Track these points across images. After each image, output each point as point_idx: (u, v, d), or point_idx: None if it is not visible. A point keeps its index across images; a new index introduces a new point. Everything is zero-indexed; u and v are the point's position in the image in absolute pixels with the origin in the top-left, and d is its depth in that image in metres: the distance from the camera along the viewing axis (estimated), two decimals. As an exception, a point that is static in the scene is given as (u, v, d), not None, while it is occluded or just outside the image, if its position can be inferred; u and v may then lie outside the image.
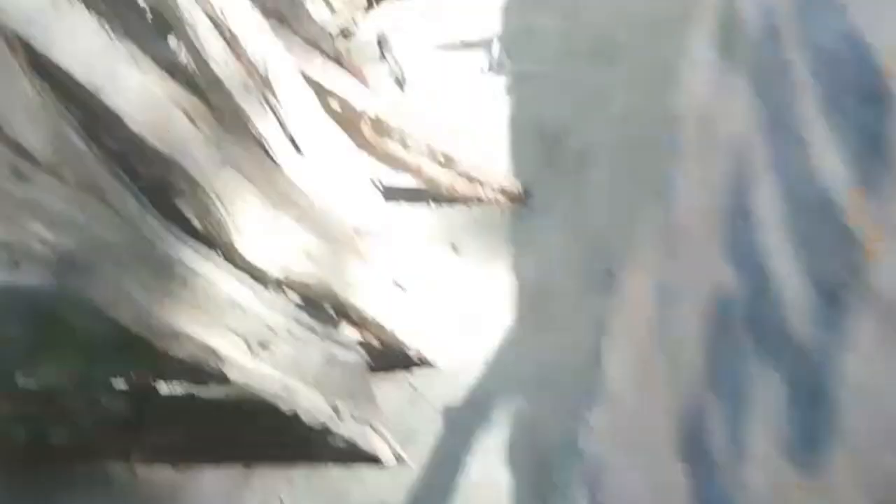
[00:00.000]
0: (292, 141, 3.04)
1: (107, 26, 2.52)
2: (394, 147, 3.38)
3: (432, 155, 3.41)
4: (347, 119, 3.30)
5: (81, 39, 2.45)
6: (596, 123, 3.72)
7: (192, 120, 2.65)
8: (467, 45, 4.10)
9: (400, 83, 3.95)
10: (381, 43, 4.10)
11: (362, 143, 3.34)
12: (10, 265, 2.45)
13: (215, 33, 2.92)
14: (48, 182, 2.34)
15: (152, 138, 2.55)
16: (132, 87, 2.53)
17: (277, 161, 2.94)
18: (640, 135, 3.57)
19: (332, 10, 4.04)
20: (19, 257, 2.41)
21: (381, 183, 3.35)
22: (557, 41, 4.05)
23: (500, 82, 3.92)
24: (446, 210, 3.50)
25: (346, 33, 4.07)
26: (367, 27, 4.18)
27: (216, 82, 2.91)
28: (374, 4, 4.23)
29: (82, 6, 2.47)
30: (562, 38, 4.05)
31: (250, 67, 2.98)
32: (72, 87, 2.44)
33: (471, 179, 3.47)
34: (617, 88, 3.82)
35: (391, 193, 3.41)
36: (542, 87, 3.88)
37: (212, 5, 2.89)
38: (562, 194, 3.52)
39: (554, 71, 3.94)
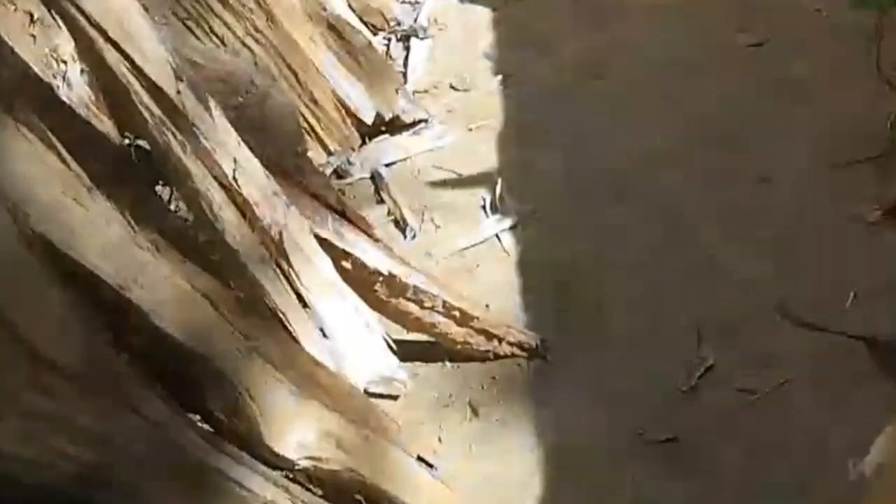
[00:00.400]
0: (309, 310, 2.91)
1: (128, 215, 2.37)
2: (408, 305, 3.24)
3: (448, 312, 3.27)
4: (360, 279, 3.18)
5: (104, 234, 2.30)
6: (610, 266, 3.62)
7: (216, 307, 2.53)
8: (466, 184, 3.97)
9: (401, 227, 3.80)
10: (377, 182, 3.96)
11: (376, 303, 3.21)
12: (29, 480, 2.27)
13: (228, 202, 2.78)
14: (75, 396, 2.18)
15: (179, 334, 2.42)
16: (158, 280, 2.41)
17: (298, 339, 2.80)
18: (657, 281, 3.49)
19: (329, 151, 3.89)
20: (39, 474, 2.24)
21: (394, 344, 3.22)
22: (561, 177, 3.95)
23: (505, 223, 3.78)
24: (463, 369, 3.36)
25: (341, 173, 3.93)
26: (361, 165, 4.02)
27: (232, 256, 2.78)
28: (367, 140, 4.08)
29: (103, 198, 2.32)
30: (565, 175, 3.95)
31: (264, 236, 2.85)
32: (97, 287, 2.28)
33: (487, 335, 3.33)
34: (629, 228, 3.72)
35: (406, 354, 3.27)
36: (550, 228, 3.77)
37: (224, 172, 2.75)
38: (582, 348, 3.40)
39: (560, 210, 3.82)
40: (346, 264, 3.15)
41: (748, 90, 4.09)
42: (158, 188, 3.12)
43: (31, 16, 2.71)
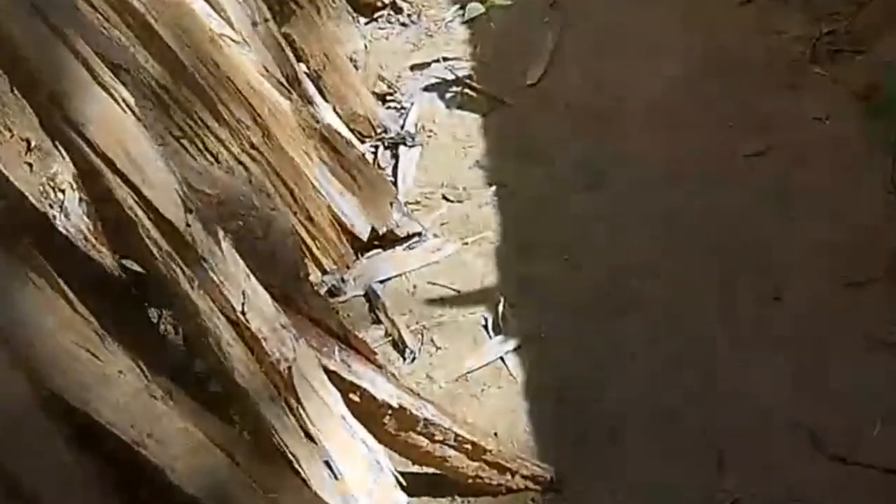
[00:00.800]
0: (319, 449, 2.78)
1: (142, 364, 2.24)
2: (418, 439, 3.12)
3: (459, 445, 3.15)
4: (368, 412, 3.05)
5: (119, 387, 2.18)
6: (621, 387, 3.52)
7: (231, 457, 2.38)
8: (465, 301, 3.86)
9: (400, 348, 3.69)
10: (372, 300, 3.84)
11: (384, 436, 3.09)
12: None
13: (237, 338, 2.65)
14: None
15: (195, 489, 2.27)
16: (172, 433, 2.28)
17: (310, 483, 2.67)
18: (671, 403, 3.38)
19: (325, 270, 3.78)
20: None
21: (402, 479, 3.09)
22: (561, 292, 3.85)
23: (509, 344, 3.67)
24: (473, 504, 3.23)
25: (334, 291, 3.82)
26: (355, 282, 3.91)
27: (241, 394, 2.64)
28: (360, 256, 3.98)
29: (115, 345, 2.19)
30: (566, 289, 3.86)
31: (272, 372, 2.72)
32: (109, 442, 2.15)
33: (500, 469, 3.22)
34: (636, 343, 3.64)
35: (413, 488, 3.13)
36: (556, 348, 3.67)
37: (233, 306, 2.63)
38: (597, 478, 3.30)
39: (564, 328, 3.73)
40: (355, 397, 3.02)
41: (751, 202, 4.02)
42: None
43: (29, 143, 2.60)
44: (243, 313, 2.65)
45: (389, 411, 3.09)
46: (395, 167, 4.46)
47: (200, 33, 3.48)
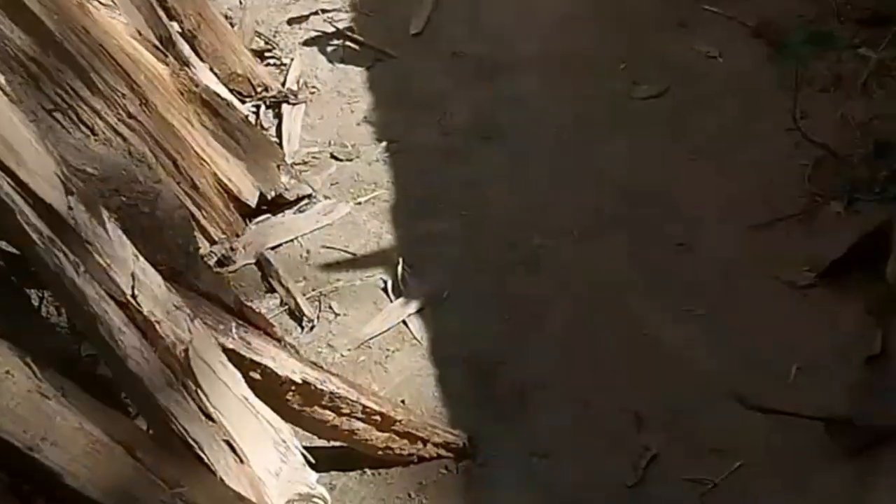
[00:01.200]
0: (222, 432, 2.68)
1: (30, 360, 2.11)
2: (325, 414, 3.02)
3: (368, 417, 3.06)
4: (271, 389, 2.95)
5: (9, 389, 2.04)
6: (530, 346, 3.45)
7: (133, 454, 2.27)
8: (362, 264, 3.76)
9: (297, 317, 3.58)
10: (265, 268, 3.73)
11: (289, 413, 2.98)
12: None
13: (128, 322, 2.53)
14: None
15: (97, 492, 2.15)
16: (68, 433, 2.14)
17: (216, 470, 2.57)
18: (583, 360, 3.33)
19: (213, 240, 3.65)
20: None
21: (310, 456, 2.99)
22: (464, 251, 3.77)
23: (411, 307, 3.58)
24: (385, 476, 3.15)
25: (224, 261, 3.69)
26: (245, 250, 3.78)
27: (135, 383, 2.53)
28: (248, 222, 3.85)
29: (4, 345, 2.06)
30: (468, 248, 3.78)
31: (168, 356, 2.61)
32: (2, 451, 2.03)
33: (411, 438, 3.14)
34: (543, 300, 3.56)
35: (321, 462, 3.04)
36: (461, 308, 3.59)
37: (122, 290, 2.51)
38: (511, 443, 3.23)
39: (469, 287, 3.64)
40: (256, 375, 2.91)
41: (651, 147, 3.98)
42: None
43: None
44: (134, 296, 2.53)
45: (293, 387, 2.99)
46: (279, 127, 4.33)
47: (66, -2, 3.31)
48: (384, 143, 4.21)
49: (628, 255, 3.61)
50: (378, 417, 3.11)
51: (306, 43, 4.75)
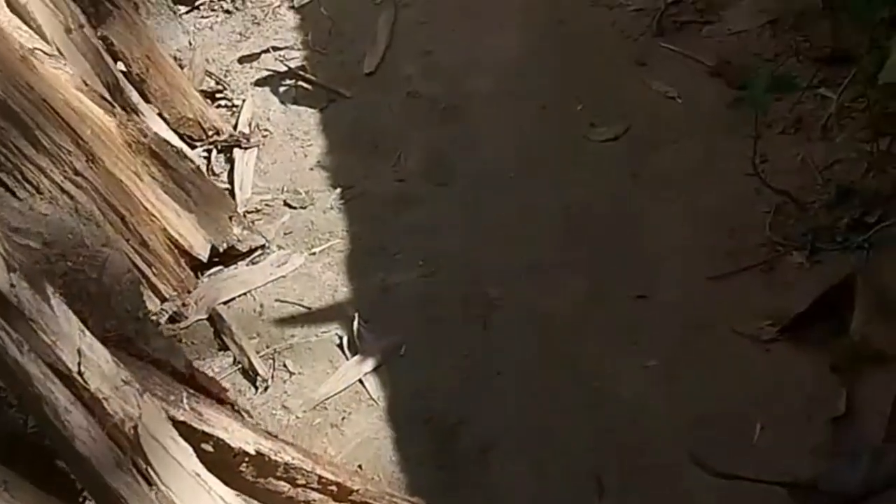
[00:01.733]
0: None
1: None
2: (279, 485, 2.99)
3: (324, 487, 3.03)
4: (224, 461, 2.91)
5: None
6: (489, 403, 3.43)
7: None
8: (317, 319, 3.73)
9: (250, 377, 3.54)
10: (217, 324, 3.69)
11: (243, 485, 2.94)
12: None
13: (75, 400, 2.49)
14: None
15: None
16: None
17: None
18: (543, 418, 3.32)
19: (164, 297, 3.60)
20: None
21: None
22: (420, 302, 3.74)
23: (367, 364, 3.55)
24: (341, 545, 3.10)
25: (176, 318, 3.65)
26: (197, 305, 3.74)
27: (83, 463, 2.49)
28: (200, 275, 3.81)
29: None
30: (425, 298, 3.75)
31: (117, 433, 2.57)
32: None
33: (368, 504, 3.10)
34: (502, 355, 3.55)
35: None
36: (418, 365, 3.56)
37: (68, 367, 2.47)
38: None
39: (423, 340, 3.62)
40: (208, 447, 2.87)
41: (609, 193, 3.96)
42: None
43: None
44: (80, 373, 2.49)
45: (246, 458, 2.95)
46: (231, 173, 4.30)
47: (9, 52, 3.26)
48: (338, 190, 4.18)
49: (585, 304, 3.58)
50: (334, 488, 3.07)
51: (258, 83, 4.72)
